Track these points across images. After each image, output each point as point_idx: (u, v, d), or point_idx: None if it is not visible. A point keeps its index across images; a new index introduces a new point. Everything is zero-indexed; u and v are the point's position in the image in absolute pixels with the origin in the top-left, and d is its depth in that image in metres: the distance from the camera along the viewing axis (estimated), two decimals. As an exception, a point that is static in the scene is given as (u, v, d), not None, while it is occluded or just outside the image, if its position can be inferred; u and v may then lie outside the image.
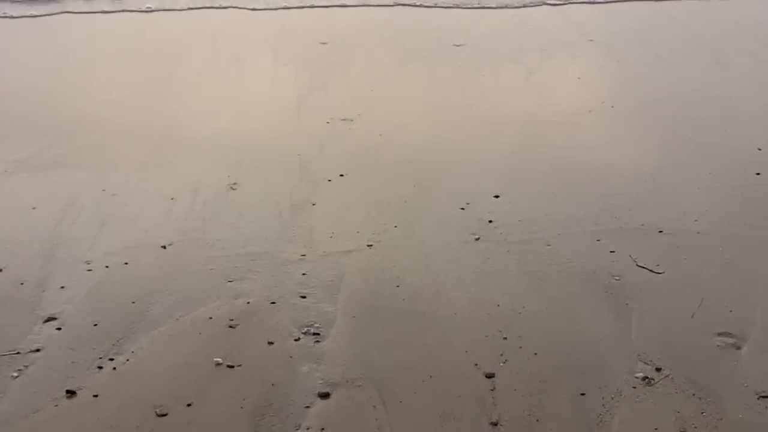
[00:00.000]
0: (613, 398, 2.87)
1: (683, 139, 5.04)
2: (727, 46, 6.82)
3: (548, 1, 8.07)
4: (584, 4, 8.17)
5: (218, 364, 3.07)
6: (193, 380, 2.99)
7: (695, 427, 2.73)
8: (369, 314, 3.37)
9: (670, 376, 2.97)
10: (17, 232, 4.01)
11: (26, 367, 3.06)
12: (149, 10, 8.06)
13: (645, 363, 3.04)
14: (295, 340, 3.21)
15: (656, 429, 2.73)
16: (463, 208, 4.20)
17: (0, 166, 4.74)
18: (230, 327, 3.29)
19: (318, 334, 3.24)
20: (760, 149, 4.83)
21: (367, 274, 3.64)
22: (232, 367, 3.06)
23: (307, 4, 8.20)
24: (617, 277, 3.58)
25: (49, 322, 3.33)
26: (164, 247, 3.88)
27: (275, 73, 6.47)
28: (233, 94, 5.99)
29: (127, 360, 3.10)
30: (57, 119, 5.48)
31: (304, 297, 3.48)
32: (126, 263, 3.74)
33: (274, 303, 3.44)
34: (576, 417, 2.79)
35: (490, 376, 2.99)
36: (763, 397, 2.86)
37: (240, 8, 8.08)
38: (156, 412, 2.83)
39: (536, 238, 3.91)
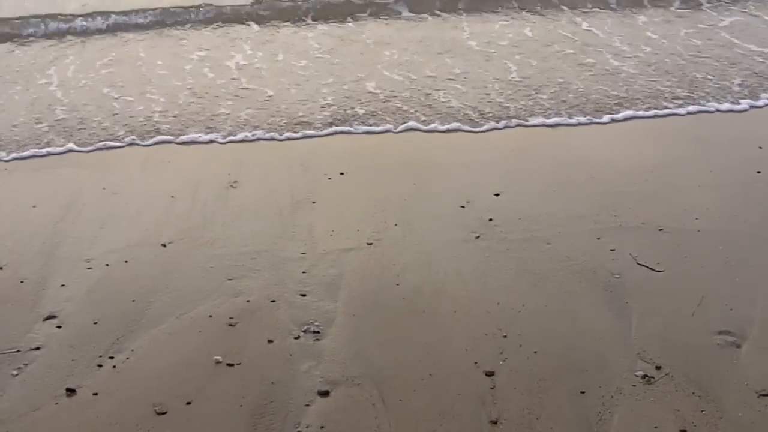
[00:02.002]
0: (612, 397, 2.87)
1: (684, 136, 5.03)
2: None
3: None
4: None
5: (218, 362, 3.07)
6: (193, 378, 2.99)
7: (695, 426, 2.72)
8: (369, 312, 3.37)
9: (670, 375, 2.96)
10: (18, 230, 4.02)
11: (26, 365, 3.07)
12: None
13: (645, 361, 3.04)
14: (295, 338, 3.21)
15: (656, 427, 2.73)
16: (463, 207, 4.20)
17: (0, 164, 4.74)
18: (230, 325, 3.29)
19: (318, 332, 3.24)
20: (760, 147, 4.82)
21: (367, 273, 3.64)
22: (232, 365, 3.06)
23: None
24: (617, 276, 3.58)
25: (49, 320, 3.33)
26: (164, 245, 3.88)
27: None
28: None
29: (127, 358, 3.10)
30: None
31: (304, 295, 3.48)
32: (126, 261, 3.74)
33: (274, 301, 3.44)
34: (576, 415, 2.79)
35: (489, 374, 2.99)
36: (763, 395, 2.85)
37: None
38: (155, 410, 2.83)
39: (536, 236, 3.91)
